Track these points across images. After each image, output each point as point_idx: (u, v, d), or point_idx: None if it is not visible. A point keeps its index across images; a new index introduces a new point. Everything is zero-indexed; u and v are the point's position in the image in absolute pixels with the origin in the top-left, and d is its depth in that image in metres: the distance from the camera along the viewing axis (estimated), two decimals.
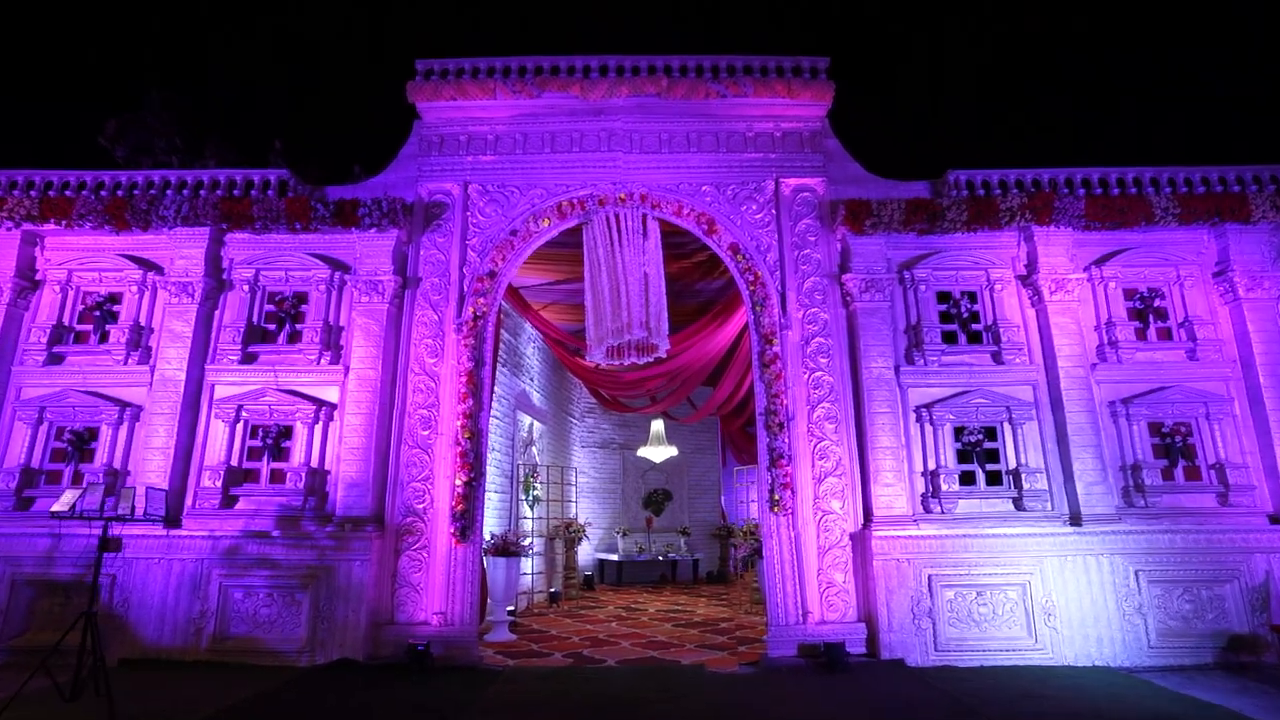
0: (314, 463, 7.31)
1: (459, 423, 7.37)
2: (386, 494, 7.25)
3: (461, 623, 6.92)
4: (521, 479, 10.83)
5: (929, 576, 6.84)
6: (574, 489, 14.34)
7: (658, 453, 13.16)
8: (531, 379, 11.76)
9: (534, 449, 11.60)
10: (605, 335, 7.51)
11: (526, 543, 10.43)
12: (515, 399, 10.81)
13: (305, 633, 6.69)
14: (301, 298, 7.95)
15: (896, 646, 6.70)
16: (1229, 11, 17.91)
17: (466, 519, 7.12)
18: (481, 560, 7.45)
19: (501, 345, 10.30)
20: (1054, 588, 6.79)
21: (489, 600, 8.63)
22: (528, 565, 10.68)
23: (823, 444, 7.38)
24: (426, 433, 7.44)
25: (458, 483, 7.20)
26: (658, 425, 13.36)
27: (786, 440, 7.32)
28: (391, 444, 7.41)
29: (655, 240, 7.87)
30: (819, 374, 7.58)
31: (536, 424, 11.78)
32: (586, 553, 14.68)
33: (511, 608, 9.02)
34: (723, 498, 17.18)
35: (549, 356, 12.79)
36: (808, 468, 7.33)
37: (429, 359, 7.66)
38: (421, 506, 7.23)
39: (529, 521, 10.83)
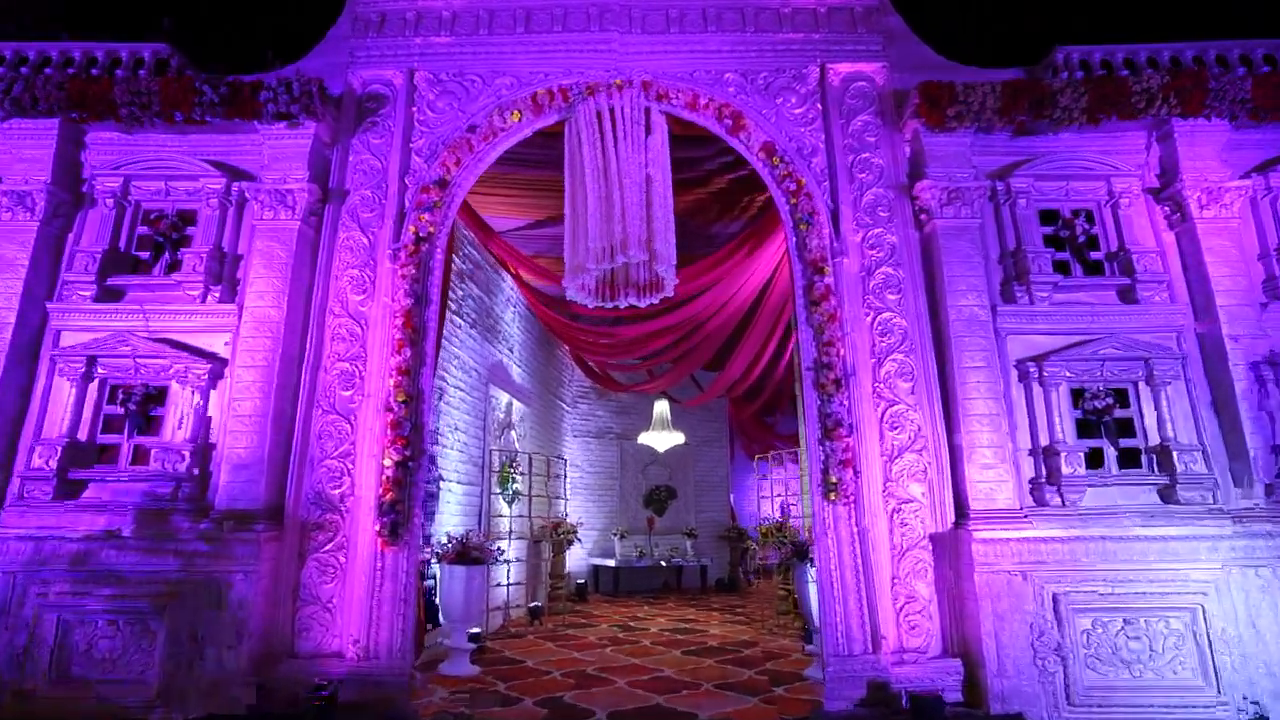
0: (195, 437, 5.24)
1: (391, 381, 5.30)
2: (290, 477, 5.17)
3: (389, 655, 4.83)
4: (497, 468, 8.78)
5: (1054, 596, 4.76)
6: (564, 483, 12.25)
7: (662, 439, 11.05)
8: (510, 350, 9.72)
9: (513, 433, 9.55)
10: (589, 258, 5.41)
11: (500, 547, 8.36)
12: (489, 370, 8.76)
13: (159, 677, 4.58)
14: (188, 218, 5.87)
15: (1012, 696, 4.62)
16: None
17: (399, 512, 5.04)
18: (422, 569, 5.37)
19: (470, 300, 8.25)
20: (1239, 613, 4.73)
21: (444, 621, 6.56)
22: (503, 574, 8.61)
23: (895, 409, 5.32)
24: (349, 393, 5.37)
25: (387, 463, 5.12)
26: (662, 406, 11.27)
27: (846, 403, 5.25)
28: (299, 410, 5.33)
29: (662, 136, 5.79)
30: (887, 315, 5.52)
31: (517, 404, 9.73)
32: (578, 557, 12.58)
33: (477, 629, 6.96)
34: (731, 495, 15.11)
35: (534, 327, 10.75)
36: (875, 440, 5.27)
37: (355, 296, 5.59)
38: (338, 493, 5.16)
39: (505, 521, 8.78)
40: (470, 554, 6.40)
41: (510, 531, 8.78)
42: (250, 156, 5.92)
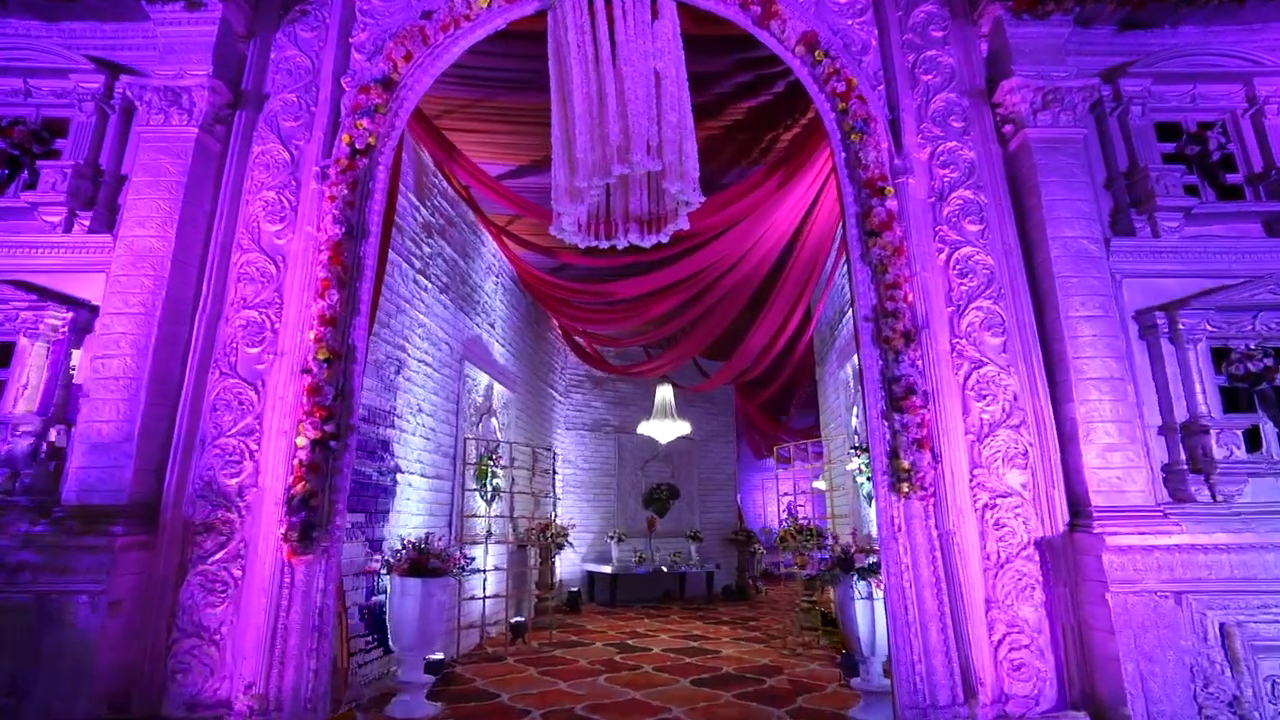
0: (46, 408, 3.88)
1: (312, 333, 3.94)
2: (171, 462, 3.79)
3: (295, 705, 3.42)
4: (473, 460, 7.42)
5: (1221, 628, 3.41)
6: (554, 480, 10.89)
7: (665, 429, 9.66)
8: (492, 325, 8.36)
9: (494, 421, 8.18)
10: (580, 173, 4.01)
11: (472, 555, 7.00)
12: (464, 346, 7.40)
13: None
14: (56, 127, 4.54)
15: None
16: None
17: (314, 509, 3.66)
18: (343, 584, 3.99)
19: (441, 261, 6.89)
20: None
21: (395, 648, 5.19)
22: (479, 585, 7.25)
23: (983, 373, 3.97)
24: (256, 350, 4.01)
25: (301, 441, 3.76)
26: (665, 391, 9.89)
27: (919, 363, 3.91)
28: (188, 373, 3.96)
29: (672, 24, 4.40)
30: (967, 251, 4.18)
31: (499, 388, 8.37)
32: (570, 563, 11.21)
33: (440, 655, 5.60)
34: (738, 495, 13.76)
35: (520, 302, 9.39)
36: (956, 414, 3.92)
37: (270, 226, 4.23)
38: (236, 483, 3.79)
39: (483, 522, 7.41)
40: (428, 563, 5.04)
41: (488, 535, 7.41)
42: (143, 53, 4.56)
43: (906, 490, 3.70)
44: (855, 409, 7.14)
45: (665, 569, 10.96)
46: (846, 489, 7.54)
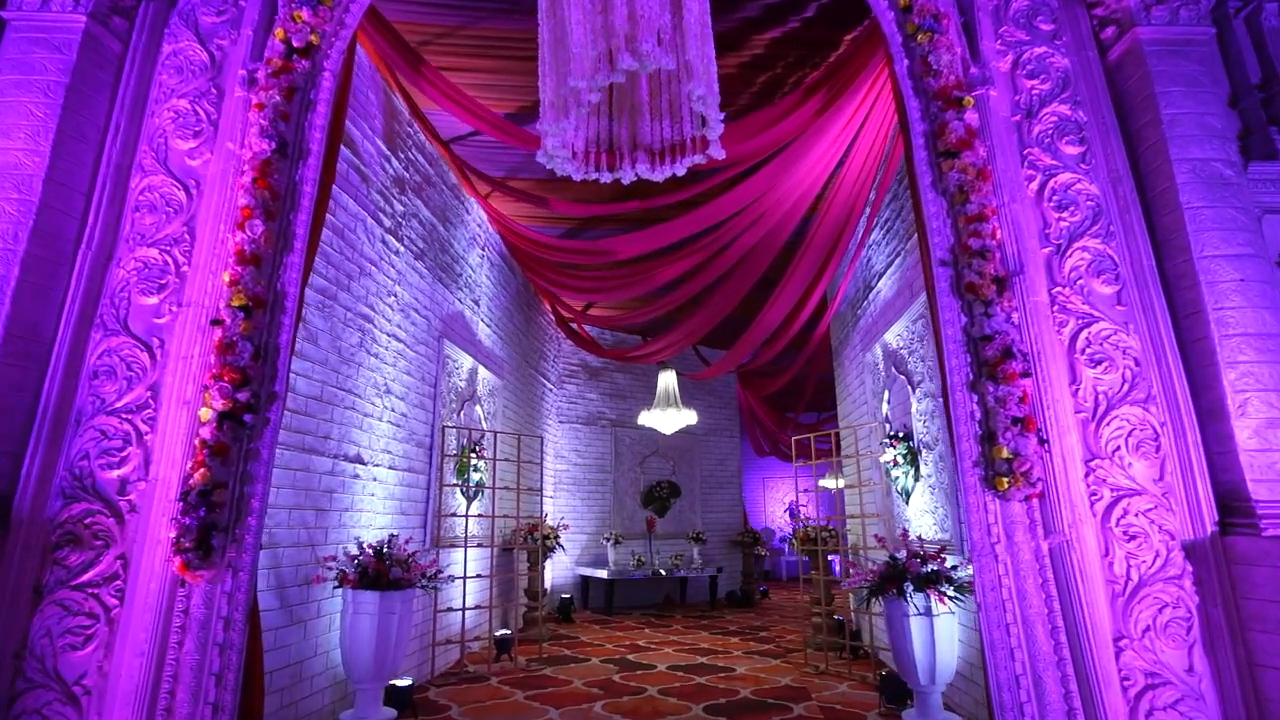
0: None
1: (226, 274, 2.98)
2: (32, 447, 2.83)
3: None
4: (453, 452, 6.45)
5: None
6: (544, 474, 9.92)
7: (669, 420, 8.67)
8: (477, 303, 7.39)
9: (479, 409, 7.21)
10: (578, 66, 3.04)
11: (455, 557, 6.06)
12: (443, 322, 6.44)
13: None
14: None
15: None
16: None
17: (219, 506, 2.69)
18: (254, 603, 2.98)
19: (416, 223, 5.93)
20: None
21: (347, 676, 4.21)
22: (457, 594, 6.27)
23: (1094, 330, 3.05)
24: (154, 300, 3.05)
25: (205, 415, 2.80)
26: (668, 378, 8.91)
27: (1014, 318, 2.99)
28: (62, 328, 2.99)
29: None
30: (1065, 179, 3.26)
31: (485, 373, 7.41)
32: (563, 567, 10.24)
33: (406, 680, 4.62)
34: (743, 494, 12.83)
35: (510, 281, 8.43)
36: (1063, 384, 2.99)
37: (181, 143, 3.27)
38: (118, 475, 2.81)
39: (464, 522, 6.44)
40: (388, 573, 4.07)
41: (466, 537, 6.44)
42: None
43: (1007, 486, 2.76)
44: (886, 394, 6.22)
45: (665, 573, 10.00)
46: (873, 485, 6.60)
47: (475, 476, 6.82)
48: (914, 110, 3.35)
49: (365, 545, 4.31)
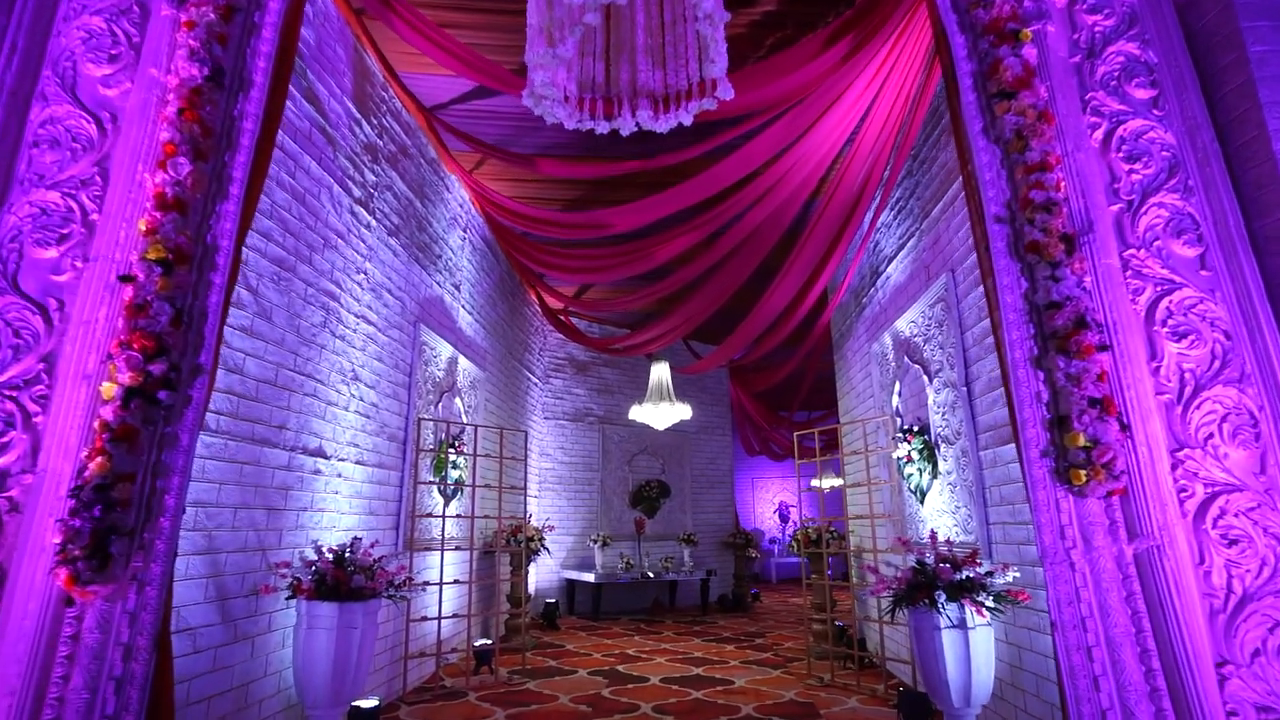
0: None
1: (143, 222, 2.44)
2: None
3: None
4: (430, 446, 5.90)
5: None
6: (530, 474, 9.39)
7: (662, 415, 8.14)
8: (457, 288, 6.85)
9: (459, 402, 6.67)
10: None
11: (431, 561, 5.52)
12: (420, 306, 5.89)
13: None
14: None
15: None
16: None
17: (120, 505, 2.16)
18: (165, 625, 2.43)
19: (390, 196, 5.39)
20: None
21: (300, 699, 3.65)
22: (434, 602, 5.72)
23: (1176, 299, 2.57)
24: (53, 253, 2.48)
25: (108, 391, 2.26)
26: (661, 370, 8.39)
27: (1086, 282, 2.52)
28: None
29: None
30: (1136, 126, 2.79)
31: (466, 363, 6.86)
32: (548, 570, 9.70)
33: (373, 700, 4.07)
34: (734, 494, 12.35)
35: (494, 267, 7.88)
36: (1141, 360, 2.53)
37: (95, 68, 2.71)
38: None
39: (440, 524, 5.89)
40: (349, 581, 3.52)
41: (444, 539, 5.89)
42: None
43: (1085, 479, 2.28)
44: (897, 386, 5.76)
45: (650, 574, 9.48)
46: (880, 483, 6.13)
47: (454, 474, 6.27)
48: (959, 48, 2.87)
49: (325, 550, 3.75)
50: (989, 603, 3.37)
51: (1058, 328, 2.42)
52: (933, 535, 3.86)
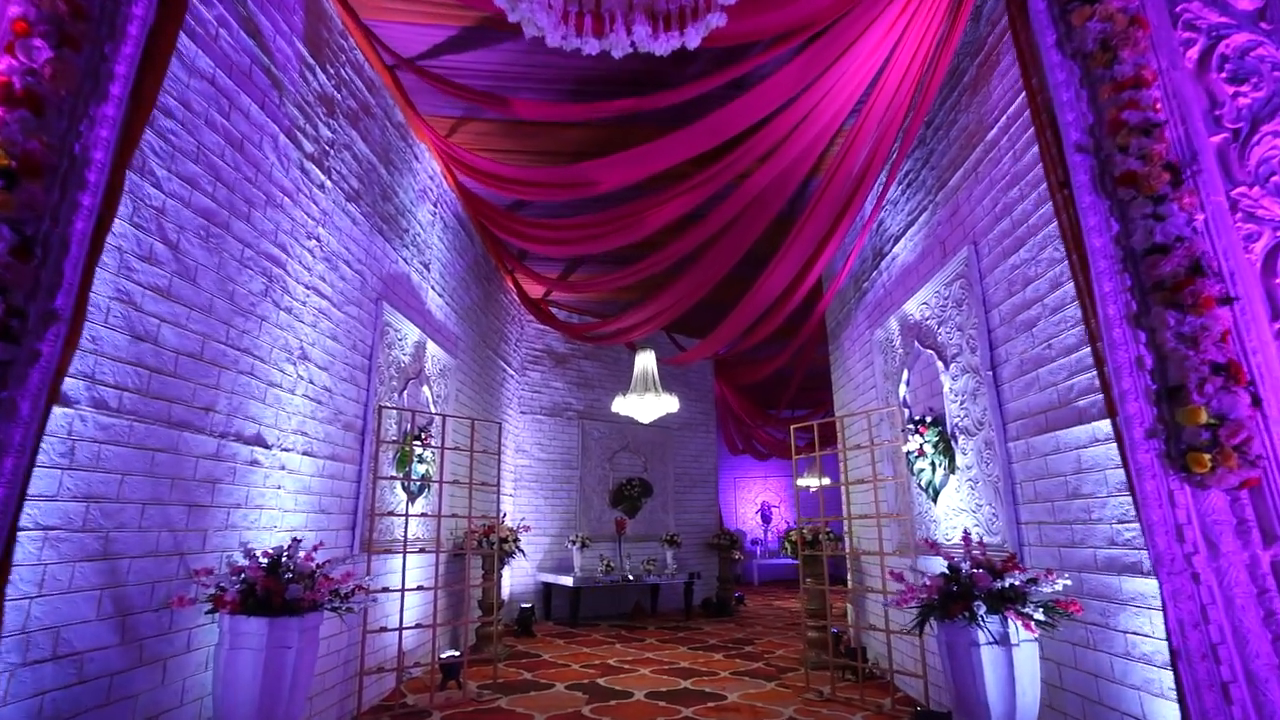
0: None
1: None
2: None
3: None
4: (392, 438, 5.28)
5: None
6: (504, 470, 8.79)
7: (647, 407, 7.55)
8: (426, 266, 6.23)
9: (427, 390, 6.05)
10: None
11: (393, 565, 4.92)
12: (384, 282, 5.27)
13: None
14: None
15: None
16: None
17: None
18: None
19: (349, 156, 4.77)
20: None
21: None
22: (396, 610, 5.11)
23: None
24: None
25: None
26: (647, 360, 7.82)
27: (1195, 217, 2.03)
28: None
29: None
30: (1241, 41, 2.29)
31: (435, 349, 6.25)
32: (523, 573, 9.10)
33: None
34: (719, 493, 11.84)
35: (468, 248, 7.27)
36: (1262, 321, 2.05)
37: None
38: None
39: (404, 523, 5.27)
40: (283, 591, 2.91)
41: (406, 540, 5.28)
42: None
43: (1209, 466, 1.77)
44: (905, 374, 5.27)
45: (630, 577, 8.91)
46: (884, 479, 5.64)
47: (420, 468, 5.66)
48: None
49: (258, 554, 3.14)
50: (1038, 615, 2.86)
51: (1164, 276, 1.92)
52: (966, 537, 3.35)
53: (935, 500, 4.72)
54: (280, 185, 3.91)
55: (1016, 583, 2.94)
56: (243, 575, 2.98)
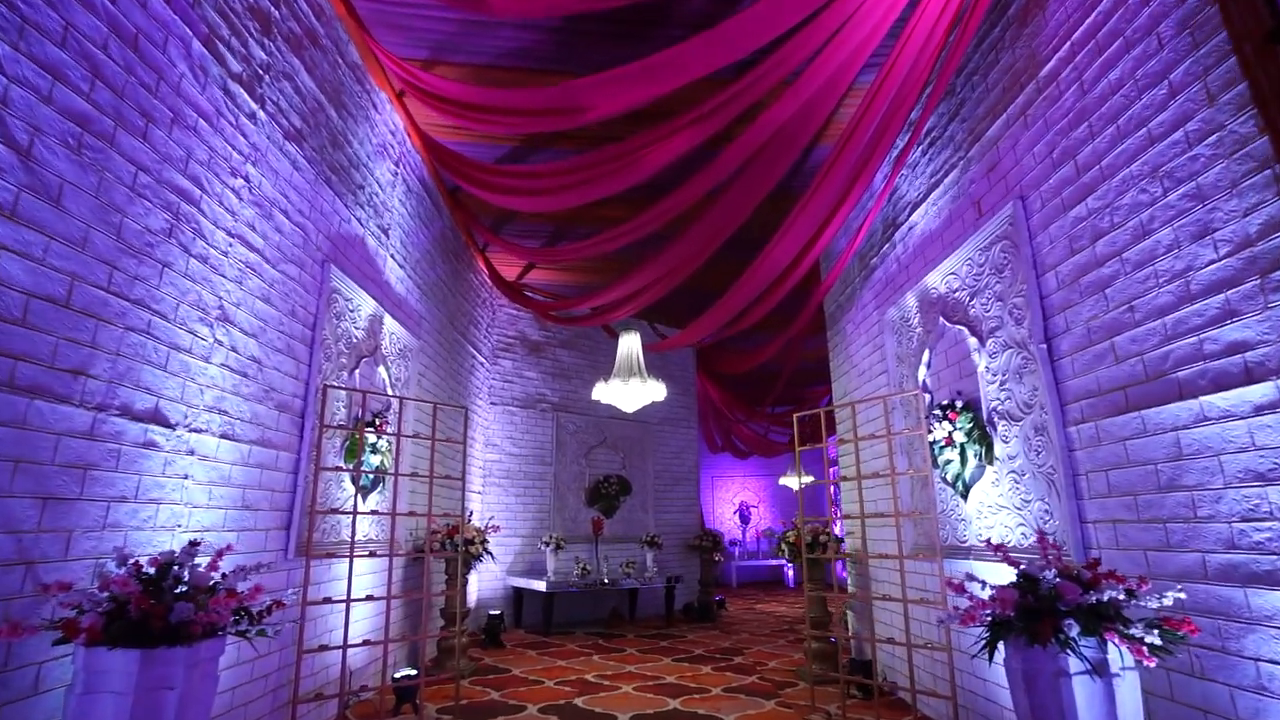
0: None
1: None
2: None
3: None
4: (340, 421, 4.48)
5: None
6: (472, 466, 8.02)
7: (632, 394, 6.73)
8: (385, 232, 5.44)
9: (384, 372, 5.26)
10: None
11: (338, 571, 4.16)
12: (332, 242, 4.48)
13: None
14: None
15: None
16: None
17: None
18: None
19: (288, 88, 3.97)
20: None
21: None
22: (340, 625, 4.32)
23: None
24: None
25: None
26: (632, 343, 7.06)
27: None
28: None
29: None
30: None
31: (394, 325, 5.46)
32: (492, 577, 8.32)
33: None
34: (699, 492, 11.19)
35: (434, 218, 6.49)
36: None
37: None
38: None
39: (352, 523, 4.47)
40: (163, 613, 2.15)
41: (354, 543, 4.50)
42: None
43: None
44: (926, 355, 4.65)
45: (607, 582, 8.19)
46: (895, 474, 5.01)
47: (374, 459, 4.87)
48: None
49: (139, 561, 2.35)
50: (1153, 639, 2.23)
51: None
52: (1041, 538, 2.71)
53: (965, 496, 4.10)
54: (194, 103, 3.12)
55: (1118, 595, 2.31)
56: (112, 585, 2.19)
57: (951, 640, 4.10)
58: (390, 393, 5.29)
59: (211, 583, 2.34)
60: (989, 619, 2.50)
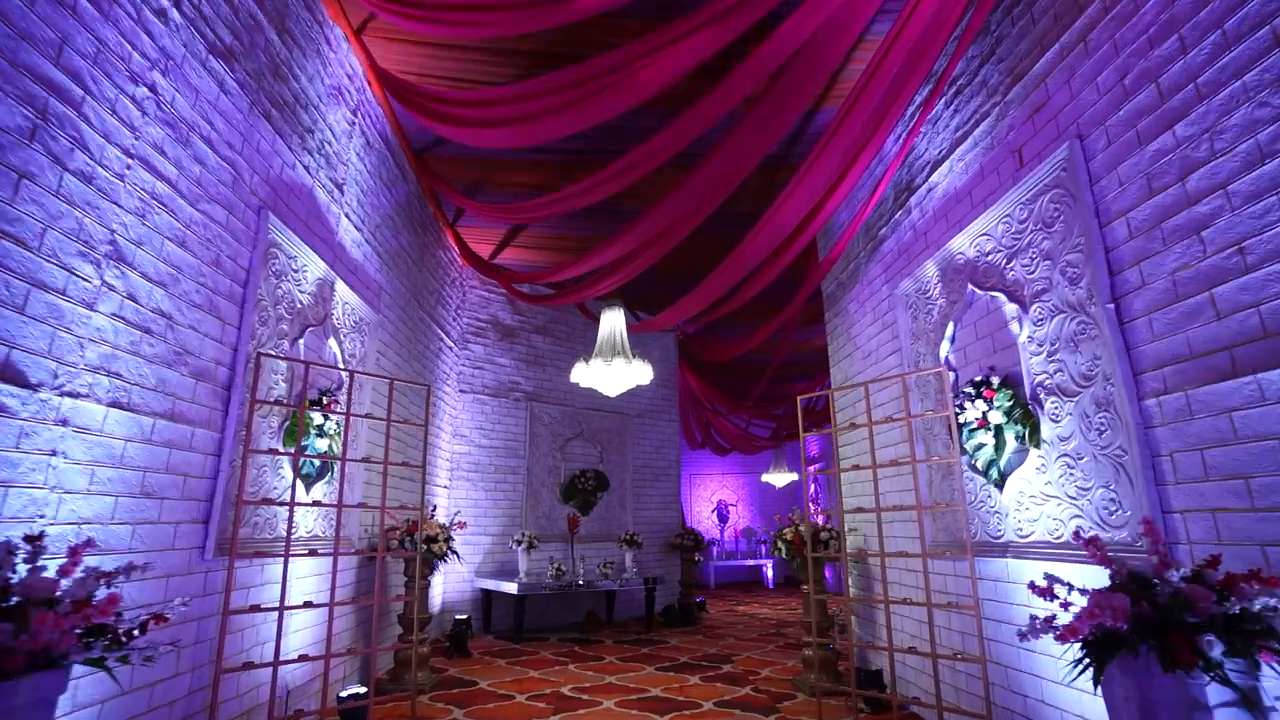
0: None
1: None
2: None
3: None
4: (280, 397, 3.77)
5: None
6: (438, 457, 7.33)
7: (614, 376, 5.99)
8: (338, 186, 4.73)
9: (334, 345, 4.56)
10: None
11: (273, 573, 3.47)
12: (271, 187, 3.78)
13: None
14: None
15: None
16: None
17: None
18: None
19: (241, 21, 3.26)
20: None
21: None
22: (271, 638, 3.62)
23: None
24: None
25: None
26: (615, 320, 6.37)
27: None
28: None
29: None
30: None
31: (348, 294, 4.75)
32: (459, 578, 7.62)
33: None
34: (679, 488, 10.59)
35: (396, 181, 5.79)
36: None
37: None
38: None
39: (290, 516, 3.78)
40: None
41: (289, 540, 3.80)
42: None
43: None
44: (950, 329, 4.12)
45: (583, 583, 7.53)
46: (907, 460, 4.48)
47: (321, 444, 4.17)
48: None
49: None
50: None
51: None
52: (1151, 528, 2.15)
53: (1000, 485, 3.56)
54: None
55: (1272, 603, 1.76)
56: None
57: (985, 651, 3.56)
58: (340, 369, 4.59)
59: (53, 592, 1.66)
60: (1097, 633, 1.93)
